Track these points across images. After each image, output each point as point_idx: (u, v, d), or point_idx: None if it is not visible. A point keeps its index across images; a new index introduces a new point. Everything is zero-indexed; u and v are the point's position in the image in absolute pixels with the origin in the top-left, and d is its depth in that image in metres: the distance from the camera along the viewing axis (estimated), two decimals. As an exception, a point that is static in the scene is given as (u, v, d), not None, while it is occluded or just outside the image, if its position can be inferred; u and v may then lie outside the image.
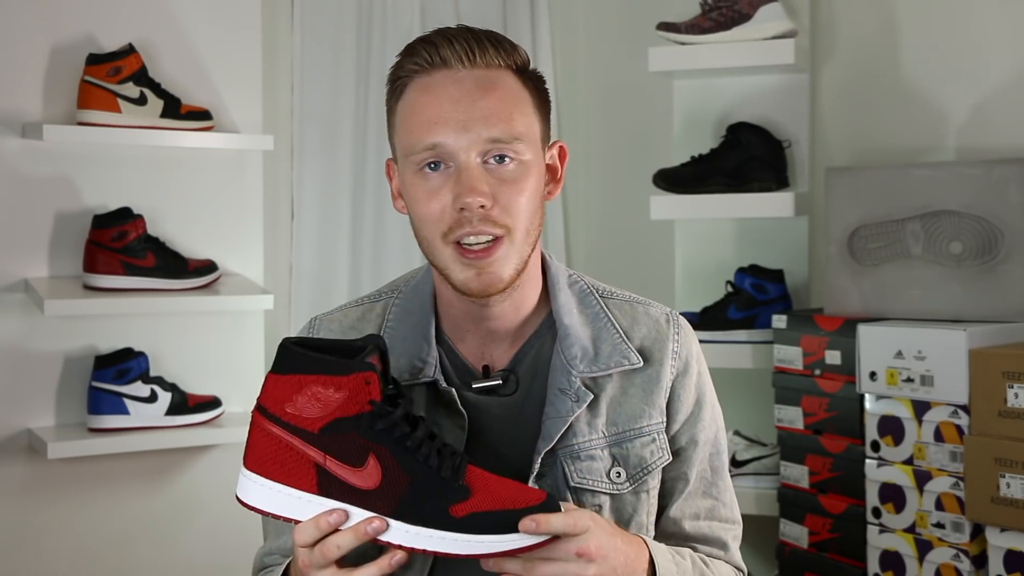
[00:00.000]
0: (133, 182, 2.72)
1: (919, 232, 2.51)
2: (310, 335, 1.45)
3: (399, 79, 1.35)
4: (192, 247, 2.78)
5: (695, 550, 1.43)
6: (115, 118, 2.59)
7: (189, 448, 2.76)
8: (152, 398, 2.62)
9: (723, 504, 1.47)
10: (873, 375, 2.43)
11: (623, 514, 1.39)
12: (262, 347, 2.89)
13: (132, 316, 2.70)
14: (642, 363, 1.41)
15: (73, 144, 2.63)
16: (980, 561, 2.30)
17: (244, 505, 1.21)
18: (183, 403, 2.66)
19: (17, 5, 2.60)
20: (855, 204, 2.59)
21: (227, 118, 2.82)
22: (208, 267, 2.73)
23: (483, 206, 1.29)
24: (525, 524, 1.15)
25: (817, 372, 2.58)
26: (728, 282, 2.89)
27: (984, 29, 2.72)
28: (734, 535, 1.48)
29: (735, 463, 2.80)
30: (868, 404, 2.46)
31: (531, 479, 1.34)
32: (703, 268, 3.08)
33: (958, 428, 2.30)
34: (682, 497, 1.44)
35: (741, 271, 2.87)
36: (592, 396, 1.37)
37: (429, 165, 1.31)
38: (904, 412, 2.39)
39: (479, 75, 1.32)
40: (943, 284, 2.47)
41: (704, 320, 2.83)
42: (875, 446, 2.43)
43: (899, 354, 2.38)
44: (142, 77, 2.63)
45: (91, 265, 2.60)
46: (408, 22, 3.15)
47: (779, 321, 2.67)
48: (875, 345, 2.43)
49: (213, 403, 2.71)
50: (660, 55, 2.87)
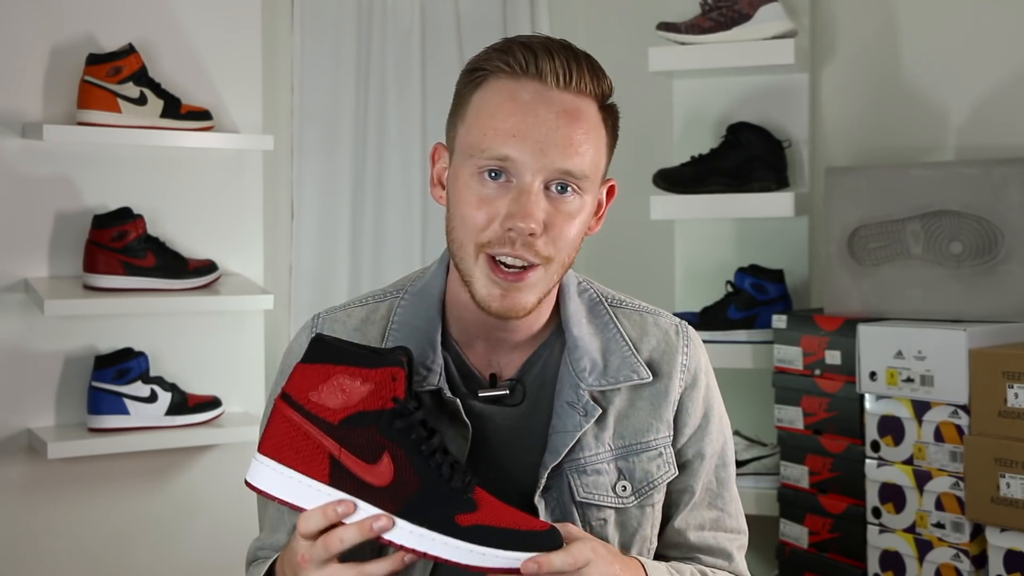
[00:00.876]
0: (133, 182, 2.72)
1: (919, 232, 2.51)
2: (314, 331, 1.43)
3: (483, 70, 1.31)
4: (192, 247, 2.78)
5: (699, 561, 1.43)
6: (115, 118, 2.59)
7: (189, 448, 2.76)
8: (152, 398, 2.62)
9: (728, 515, 1.46)
10: (873, 375, 2.43)
11: (628, 528, 1.38)
12: (262, 347, 2.89)
13: (132, 316, 2.70)
14: (651, 377, 1.39)
15: (73, 144, 2.63)
16: (980, 561, 2.30)
17: (252, 488, 1.21)
18: (183, 403, 2.66)
19: (17, 5, 2.60)
20: (855, 204, 2.59)
21: (227, 118, 2.82)
22: (208, 267, 2.73)
23: (532, 233, 1.27)
24: (527, 566, 1.15)
25: (817, 372, 2.58)
26: (728, 282, 2.89)
27: (984, 29, 2.72)
28: (739, 545, 1.47)
29: (735, 463, 2.80)
30: (868, 404, 2.46)
31: (537, 493, 1.33)
32: (703, 268, 3.08)
33: (958, 428, 2.30)
34: (687, 508, 1.43)
35: (741, 271, 2.87)
36: (600, 411, 1.36)
37: (490, 173, 1.28)
38: (904, 412, 2.39)
39: (569, 100, 1.29)
40: (943, 284, 2.47)
41: (704, 320, 2.83)
42: (875, 446, 2.43)
43: (899, 354, 2.38)
44: (142, 77, 2.63)
45: (91, 265, 2.60)
46: (408, 22, 3.15)
47: (779, 321, 2.67)
48: (875, 345, 2.43)
49: (213, 403, 2.71)
50: (660, 55, 2.87)
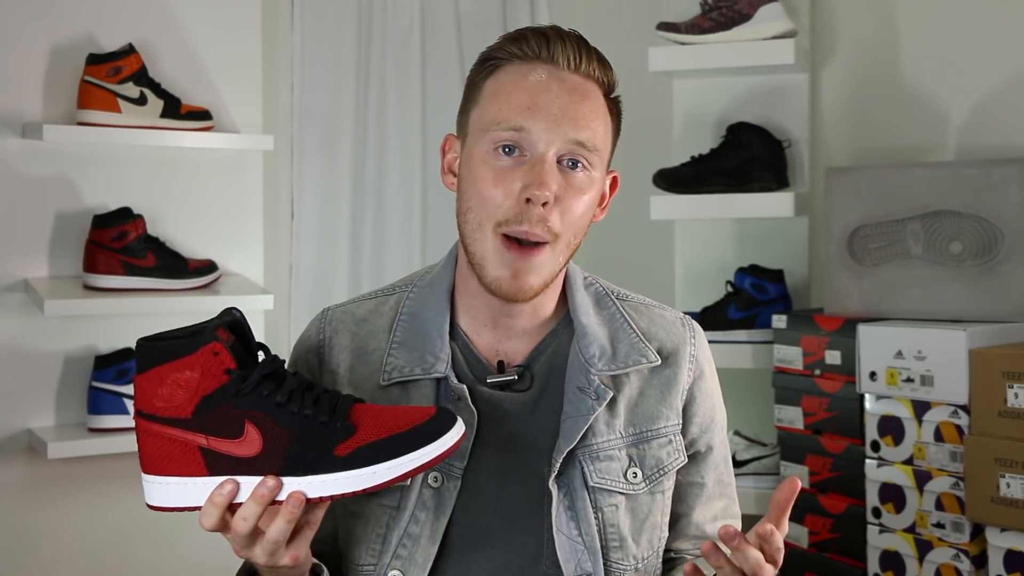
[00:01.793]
0: (133, 182, 2.72)
1: (919, 232, 2.51)
2: (322, 326, 1.45)
3: (495, 58, 1.36)
4: (192, 247, 2.78)
5: None
6: (115, 118, 2.59)
7: (189, 448, 2.75)
8: (152, 398, 2.62)
9: (733, 500, 1.52)
10: (873, 375, 2.43)
11: (638, 514, 1.39)
12: (262, 347, 2.89)
13: (132, 316, 2.70)
14: (660, 361, 1.42)
15: (73, 144, 2.63)
16: (980, 561, 2.30)
17: (153, 508, 1.22)
18: (183, 403, 2.66)
19: (17, 5, 2.61)
20: (855, 204, 2.59)
21: (227, 118, 2.82)
22: (208, 267, 2.73)
23: (547, 203, 1.30)
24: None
25: (817, 372, 2.58)
26: (728, 282, 2.89)
27: (984, 29, 2.72)
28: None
29: (735, 463, 2.80)
30: (868, 404, 2.46)
31: (551, 478, 1.35)
32: (703, 268, 3.08)
33: (958, 428, 2.30)
34: (702, 502, 1.47)
35: (741, 271, 2.87)
36: (611, 394, 1.38)
37: (505, 148, 1.31)
38: (904, 412, 2.39)
39: (579, 81, 1.35)
40: (943, 284, 2.47)
41: (704, 320, 2.83)
42: (875, 446, 2.43)
43: (899, 354, 2.38)
44: (142, 77, 2.63)
45: (91, 265, 2.60)
46: (408, 22, 3.15)
47: (779, 321, 2.67)
48: (875, 345, 2.43)
49: (213, 403, 2.71)
50: (660, 55, 2.87)
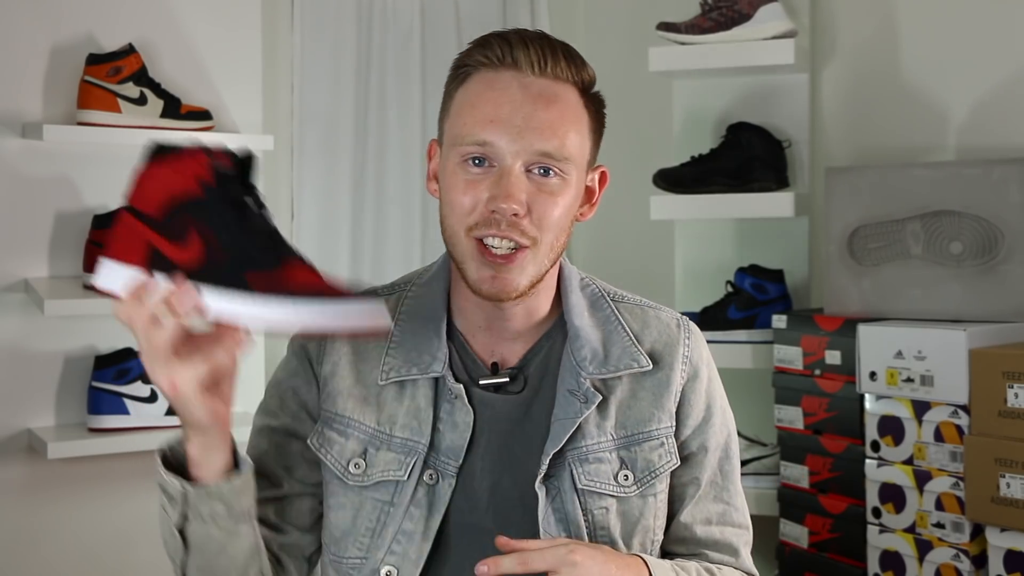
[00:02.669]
0: (133, 182, 2.72)
1: (919, 232, 2.51)
2: None
3: (465, 67, 1.35)
4: (192, 247, 2.77)
5: (706, 557, 1.44)
6: (115, 118, 2.59)
7: (189, 448, 2.75)
8: (152, 398, 2.62)
9: (735, 509, 1.47)
10: (873, 375, 2.43)
11: (629, 517, 1.39)
12: (262, 347, 2.89)
13: (132, 316, 2.70)
14: (651, 366, 1.41)
15: (73, 144, 2.63)
16: (980, 561, 2.30)
17: (93, 289, 1.25)
18: (183, 403, 2.66)
19: (17, 5, 2.60)
20: (855, 204, 2.59)
21: (227, 118, 2.82)
22: (208, 267, 2.73)
23: (516, 214, 1.29)
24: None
25: (817, 372, 2.58)
26: (728, 282, 2.89)
27: (984, 29, 2.72)
28: (745, 541, 1.49)
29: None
30: (868, 404, 2.46)
31: (538, 480, 1.35)
32: (703, 268, 3.08)
33: (958, 428, 2.30)
34: (693, 502, 1.44)
35: (741, 271, 2.87)
36: (601, 397, 1.38)
37: (473, 160, 1.31)
38: (904, 412, 2.39)
39: (545, 85, 1.32)
40: (943, 284, 2.47)
41: (704, 320, 2.83)
42: (875, 446, 2.43)
43: (899, 354, 2.38)
44: (142, 77, 2.63)
45: (91, 265, 2.60)
46: (408, 22, 3.15)
47: (779, 321, 2.67)
48: (875, 345, 2.43)
49: (213, 403, 2.71)
50: (660, 55, 2.87)
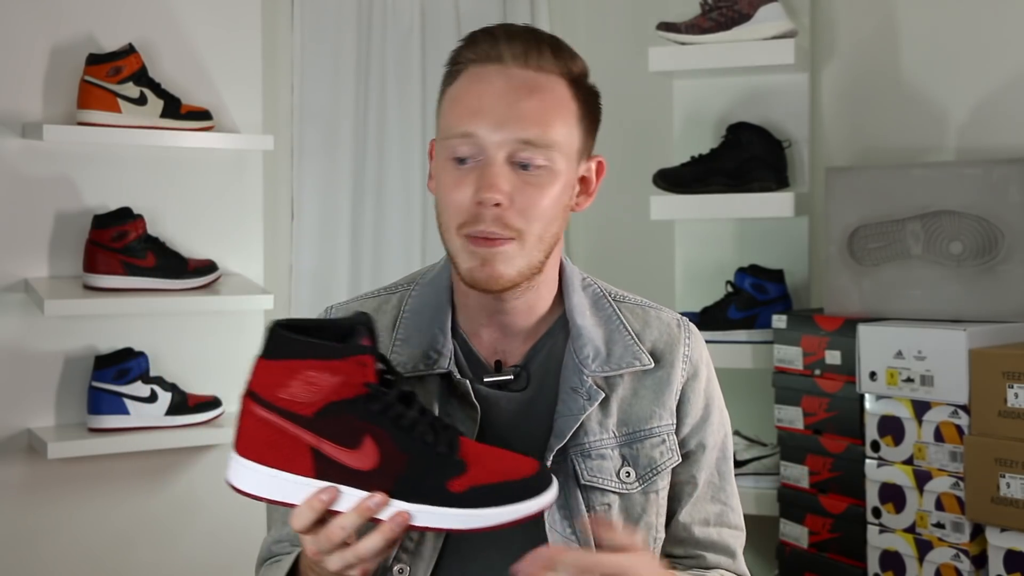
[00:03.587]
0: (133, 182, 2.72)
1: (919, 232, 2.51)
2: None
3: (456, 65, 1.37)
4: (192, 247, 2.78)
5: (703, 558, 1.45)
6: (115, 118, 2.59)
7: (189, 448, 2.76)
8: (152, 398, 2.62)
9: (731, 510, 1.48)
10: (873, 375, 2.43)
11: (632, 514, 1.40)
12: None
13: (132, 316, 2.70)
14: (653, 364, 1.42)
15: (73, 144, 2.63)
16: (980, 561, 2.30)
17: (237, 491, 1.19)
18: (183, 403, 2.66)
19: (17, 5, 2.60)
20: (855, 204, 2.59)
21: (227, 118, 2.82)
22: (208, 267, 2.73)
23: (499, 204, 1.30)
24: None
25: (817, 372, 2.58)
26: (728, 282, 2.89)
27: (984, 29, 2.72)
28: (740, 543, 1.49)
29: (735, 463, 2.79)
30: (868, 404, 2.46)
31: None
32: (703, 268, 3.08)
33: (958, 428, 2.30)
34: (691, 502, 1.45)
35: (741, 271, 2.87)
36: (603, 395, 1.39)
37: (459, 160, 1.33)
38: (904, 412, 2.39)
39: (529, 76, 1.33)
40: (943, 284, 2.47)
41: (704, 320, 2.83)
42: (875, 446, 2.43)
43: (899, 354, 2.38)
44: (142, 77, 2.63)
45: (91, 265, 2.60)
46: (408, 22, 3.15)
47: (779, 321, 2.67)
48: (875, 345, 2.43)
49: (213, 403, 2.71)
50: (660, 55, 2.87)
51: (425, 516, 1.16)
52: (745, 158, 2.82)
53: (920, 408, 2.36)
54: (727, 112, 3.00)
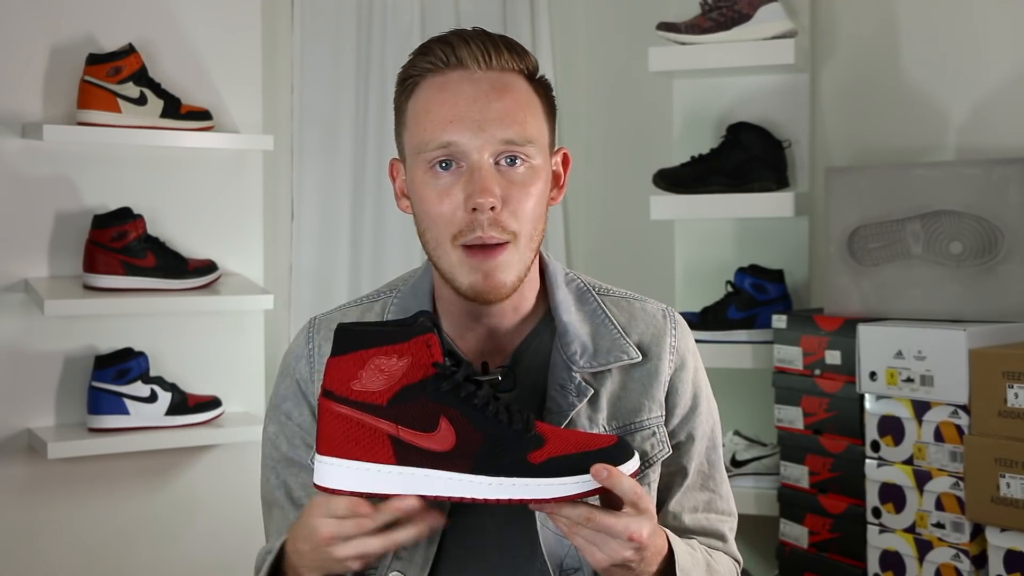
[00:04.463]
0: (133, 182, 2.72)
1: (919, 232, 2.51)
2: (310, 335, 1.46)
3: (411, 77, 1.36)
4: (192, 247, 2.78)
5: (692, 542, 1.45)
6: (115, 118, 2.59)
7: (189, 448, 2.76)
8: (152, 398, 2.62)
9: (720, 497, 1.49)
10: (873, 375, 2.43)
11: None
12: (262, 347, 2.89)
13: (132, 316, 2.70)
14: (641, 357, 1.42)
15: (73, 144, 2.63)
16: (980, 561, 2.30)
17: (325, 490, 1.21)
18: (183, 403, 2.66)
19: (17, 5, 2.61)
20: (855, 204, 2.59)
21: (227, 118, 2.82)
22: (208, 267, 2.73)
23: (494, 207, 1.30)
24: (597, 469, 1.16)
25: (817, 372, 2.58)
26: (728, 282, 2.89)
27: (984, 29, 2.72)
28: (730, 527, 1.50)
29: (735, 463, 2.80)
30: (868, 404, 2.46)
31: None
32: (703, 268, 3.08)
33: (958, 428, 2.30)
34: (681, 491, 1.45)
35: (741, 271, 2.87)
36: (592, 390, 1.38)
37: (440, 164, 1.32)
38: (904, 412, 2.39)
39: (494, 77, 1.33)
40: (943, 284, 2.47)
41: (704, 320, 2.83)
42: (875, 446, 2.43)
43: (899, 354, 2.38)
44: (142, 77, 2.63)
45: (91, 265, 2.60)
46: (408, 22, 3.15)
47: (779, 321, 2.67)
48: (875, 345, 2.43)
49: (213, 403, 2.71)
50: (660, 55, 2.87)
51: (508, 488, 1.17)
52: (745, 158, 2.82)
53: (920, 408, 2.36)
54: (727, 112, 3.00)
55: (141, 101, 2.62)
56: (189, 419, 2.67)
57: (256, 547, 1.48)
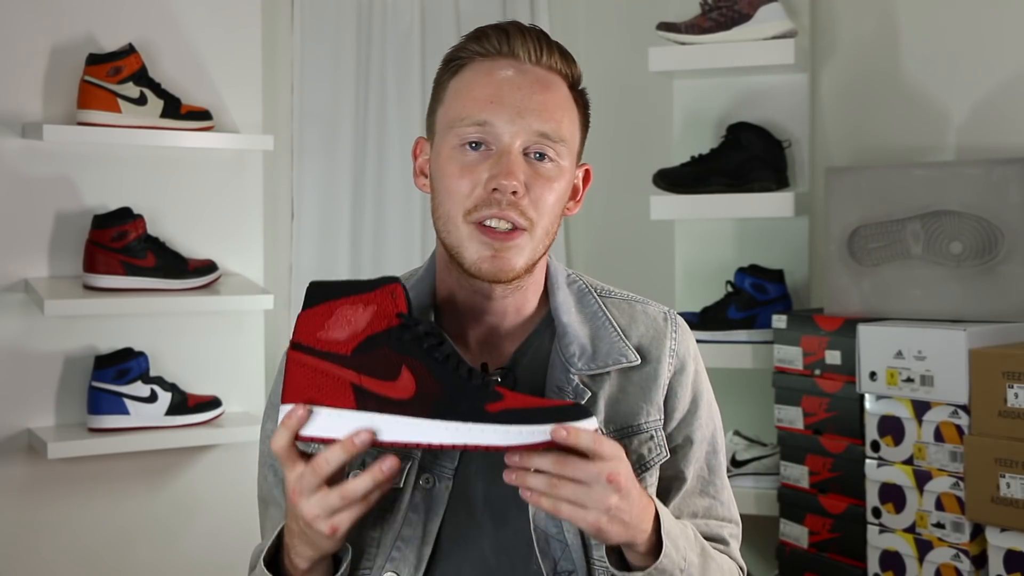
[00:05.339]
0: (133, 182, 2.72)
1: (919, 232, 2.51)
2: None
3: (459, 58, 1.37)
4: (192, 247, 2.78)
5: None
6: (115, 118, 2.59)
7: (189, 448, 2.76)
8: (152, 398, 2.62)
9: (720, 503, 1.47)
10: (873, 375, 2.43)
11: None
12: (262, 347, 2.89)
13: (132, 316, 2.71)
14: (640, 361, 1.41)
15: (73, 144, 2.63)
16: (980, 561, 2.30)
17: (302, 439, 1.22)
18: (183, 403, 2.66)
19: (17, 5, 2.61)
20: (855, 204, 2.59)
21: (227, 118, 2.82)
22: (208, 267, 2.73)
23: (515, 192, 1.31)
24: (557, 432, 1.15)
25: (817, 372, 2.58)
26: (728, 282, 2.89)
27: (984, 29, 2.72)
28: (731, 532, 1.47)
29: (735, 463, 2.80)
30: (868, 404, 2.46)
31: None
32: (703, 268, 3.08)
33: (958, 428, 2.30)
34: (679, 496, 1.44)
35: (741, 271, 2.87)
36: (590, 394, 1.37)
37: (471, 144, 1.33)
38: (904, 412, 2.39)
39: (541, 74, 1.35)
40: (943, 284, 2.47)
41: (704, 320, 2.83)
42: (875, 446, 2.43)
43: (899, 354, 2.38)
44: (142, 77, 2.63)
45: (91, 265, 2.60)
46: (408, 22, 3.15)
47: (779, 321, 2.67)
48: (875, 345, 2.43)
49: (213, 403, 2.71)
50: (660, 55, 2.87)
51: (465, 433, 1.17)
52: (745, 158, 2.82)
53: (920, 408, 2.36)
54: (727, 112, 3.00)
55: (141, 101, 2.62)
56: (189, 419, 2.67)
57: (255, 547, 1.48)
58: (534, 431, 1.16)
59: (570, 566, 1.33)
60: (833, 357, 2.54)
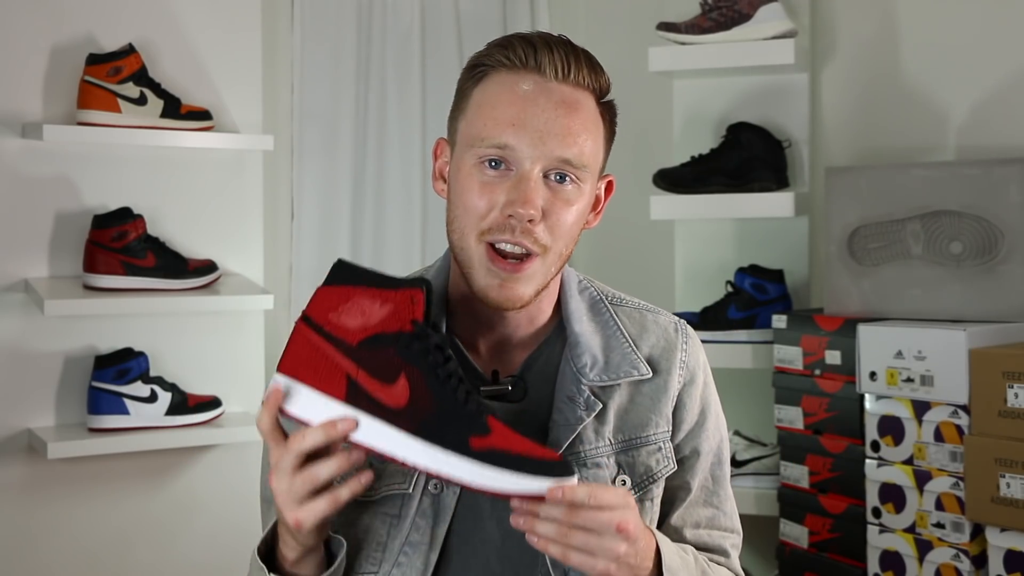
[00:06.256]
0: (133, 182, 2.72)
1: (919, 232, 2.51)
2: None
3: (484, 65, 1.34)
4: (192, 247, 2.78)
5: None
6: (115, 118, 2.59)
7: (189, 448, 2.76)
8: (152, 398, 2.62)
9: (723, 514, 1.47)
10: (873, 375, 2.43)
11: None
12: (262, 347, 2.89)
13: (132, 316, 2.71)
14: (651, 374, 1.40)
15: (73, 144, 2.63)
16: (980, 561, 2.30)
17: (284, 414, 1.22)
18: (183, 403, 2.66)
19: (17, 5, 2.61)
20: (855, 204, 2.59)
21: (227, 118, 2.82)
22: (208, 267, 2.73)
23: (532, 220, 1.29)
24: (553, 492, 1.15)
25: (817, 372, 2.58)
26: (728, 282, 2.89)
27: (984, 29, 2.72)
28: (733, 543, 1.48)
29: (735, 463, 2.80)
30: (868, 404, 2.46)
31: None
32: (703, 268, 3.08)
33: (958, 428, 2.30)
34: (683, 506, 1.44)
35: (741, 271, 2.87)
36: (601, 405, 1.37)
37: (491, 162, 1.31)
38: (904, 412, 2.39)
39: (567, 92, 1.32)
40: (943, 284, 2.47)
41: (704, 320, 2.83)
42: (875, 446, 2.43)
43: (899, 354, 2.38)
44: (142, 77, 2.63)
45: (91, 265, 2.60)
46: (408, 22, 3.15)
47: (779, 321, 2.67)
48: (875, 345, 2.43)
49: (213, 403, 2.71)
50: (660, 55, 2.87)
51: (442, 462, 1.16)
52: (745, 158, 2.82)
53: (920, 408, 2.36)
54: (727, 112, 3.00)
55: (141, 101, 2.62)
56: (189, 419, 2.67)
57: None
58: (512, 481, 1.15)
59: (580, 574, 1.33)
60: (833, 357, 2.54)
